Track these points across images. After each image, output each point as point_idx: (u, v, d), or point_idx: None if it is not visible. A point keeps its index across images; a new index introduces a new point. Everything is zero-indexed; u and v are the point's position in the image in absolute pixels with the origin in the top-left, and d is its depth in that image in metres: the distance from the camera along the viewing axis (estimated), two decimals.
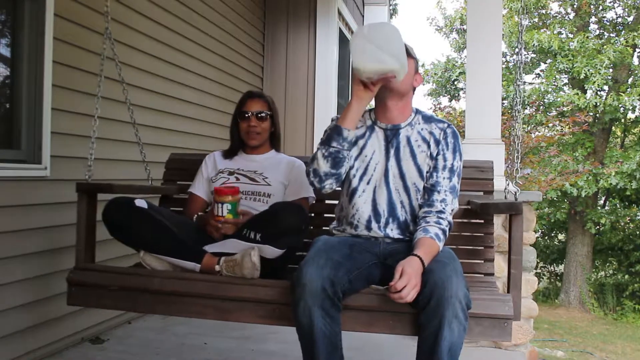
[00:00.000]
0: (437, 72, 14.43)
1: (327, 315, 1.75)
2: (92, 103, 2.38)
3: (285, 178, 2.43)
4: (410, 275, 1.71)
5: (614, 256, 13.43)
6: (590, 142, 12.23)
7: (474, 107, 3.52)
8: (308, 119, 5.65)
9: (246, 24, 5.24)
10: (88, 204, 2.17)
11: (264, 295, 1.93)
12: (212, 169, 2.51)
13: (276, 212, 2.04)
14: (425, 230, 1.91)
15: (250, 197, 2.36)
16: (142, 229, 2.06)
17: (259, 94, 2.53)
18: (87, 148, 2.33)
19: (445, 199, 1.98)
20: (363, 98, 1.92)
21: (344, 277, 1.80)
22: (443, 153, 2.01)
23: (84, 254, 2.17)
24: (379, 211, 2.02)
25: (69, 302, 2.11)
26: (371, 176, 2.03)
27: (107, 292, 2.06)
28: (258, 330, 3.33)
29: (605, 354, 8.10)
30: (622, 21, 12.79)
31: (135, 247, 2.13)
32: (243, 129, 2.47)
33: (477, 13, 3.55)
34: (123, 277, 2.06)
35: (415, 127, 2.05)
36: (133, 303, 2.07)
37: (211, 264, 2.04)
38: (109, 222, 2.09)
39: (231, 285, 1.96)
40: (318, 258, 1.81)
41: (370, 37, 1.84)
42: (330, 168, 1.95)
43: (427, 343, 1.73)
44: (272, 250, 2.02)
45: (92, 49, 2.99)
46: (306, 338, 1.78)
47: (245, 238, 2.05)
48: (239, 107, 2.49)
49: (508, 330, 1.84)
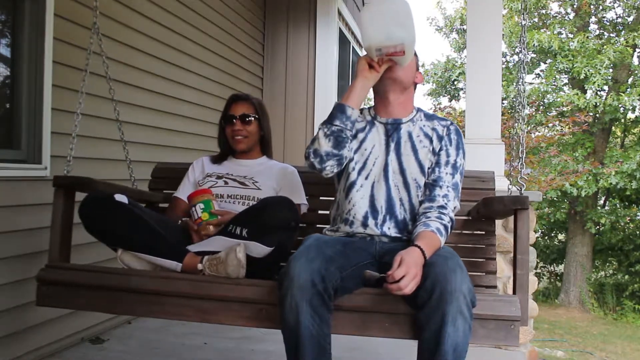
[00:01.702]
0: (437, 72, 14.44)
1: (315, 314, 1.61)
2: (93, 103, 2.38)
3: (277, 184, 2.34)
4: (409, 265, 1.59)
5: (614, 256, 13.43)
6: (590, 142, 12.24)
7: (474, 107, 3.52)
8: (308, 119, 5.65)
9: (246, 23, 5.24)
10: (65, 199, 2.05)
11: (249, 294, 1.80)
12: (199, 173, 2.42)
13: (264, 206, 1.91)
14: (426, 224, 1.81)
15: (239, 201, 2.25)
16: (120, 225, 1.93)
17: (244, 97, 2.44)
18: (88, 148, 2.33)
19: (448, 194, 1.90)
20: (368, 78, 1.88)
21: (336, 272, 1.67)
22: (446, 149, 1.95)
23: (59, 253, 2.04)
24: (376, 207, 1.92)
25: (39, 302, 1.98)
26: (370, 171, 1.95)
27: (81, 292, 1.93)
28: (258, 331, 3.33)
29: (605, 354, 8.10)
30: (622, 21, 12.79)
31: (112, 245, 2.00)
32: (228, 133, 2.39)
33: (477, 13, 3.54)
34: (99, 276, 1.94)
35: (417, 123, 2.00)
36: (109, 304, 1.94)
37: (193, 263, 1.91)
38: (85, 216, 1.95)
39: (214, 284, 1.84)
40: (308, 252, 1.68)
41: (380, 10, 1.82)
42: (332, 148, 1.86)
43: (428, 344, 1.59)
44: (259, 247, 1.88)
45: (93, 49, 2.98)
46: (292, 338, 1.64)
47: (230, 234, 1.93)
48: (225, 111, 2.42)
49: (515, 334, 1.71)
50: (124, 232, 1.94)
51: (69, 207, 2.09)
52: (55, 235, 2.06)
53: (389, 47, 1.83)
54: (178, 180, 2.47)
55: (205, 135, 4.42)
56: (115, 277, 1.92)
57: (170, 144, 3.90)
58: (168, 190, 2.56)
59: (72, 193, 2.11)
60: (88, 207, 1.96)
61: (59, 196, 2.06)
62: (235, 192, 2.28)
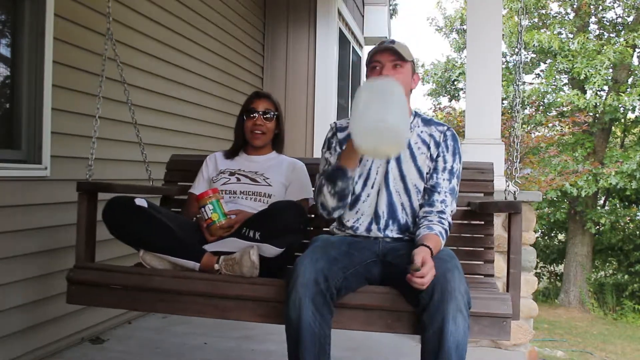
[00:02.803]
0: (437, 72, 14.44)
1: (317, 312, 1.70)
2: (93, 103, 2.38)
3: (286, 179, 2.43)
4: (431, 265, 1.69)
5: (614, 256, 13.44)
6: (590, 142, 12.23)
7: (474, 107, 3.52)
8: (308, 119, 5.66)
9: (246, 24, 5.24)
10: (88, 203, 2.18)
11: (263, 293, 1.92)
12: (213, 169, 2.52)
13: (276, 211, 2.04)
14: (430, 227, 1.91)
15: (251, 198, 2.35)
16: (142, 228, 2.06)
17: (266, 94, 2.54)
18: (88, 148, 2.34)
19: (445, 200, 1.99)
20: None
21: (339, 272, 1.78)
22: (443, 155, 2.02)
23: (84, 253, 2.17)
24: (378, 213, 2.02)
25: (69, 300, 2.11)
26: (374, 180, 2.03)
27: (107, 291, 2.06)
28: (258, 331, 3.33)
29: (605, 353, 8.10)
30: (622, 21, 12.79)
31: (135, 246, 2.13)
32: (248, 127, 2.47)
33: (477, 13, 3.54)
34: (123, 276, 2.07)
35: (414, 129, 2.06)
36: (133, 302, 2.07)
37: (210, 263, 2.04)
38: (108, 221, 2.09)
39: (230, 283, 1.96)
40: (313, 253, 1.80)
41: (374, 127, 1.70)
42: (337, 202, 1.97)
43: (432, 342, 1.68)
44: (271, 249, 2.01)
45: (92, 49, 2.99)
46: (293, 335, 1.73)
47: (244, 237, 2.05)
48: (246, 105, 2.50)
49: (507, 329, 1.84)
50: (145, 235, 2.07)
51: (92, 210, 2.21)
52: (81, 237, 2.17)
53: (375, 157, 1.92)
54: (192, 172, 2.58)
55: (205, 135, 4.42)
56: (138, 277, 2.05)
57: (169, 144, 3.90)
58: (183, 182, 2.67)
59: (95, 196, 2.21)
60: (111, 212, 2.09)
61: (82, 200, 2.17)
62: (247, 188, 2.37)
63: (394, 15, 13.87)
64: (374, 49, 2.02)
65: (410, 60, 2.01)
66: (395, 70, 1.97)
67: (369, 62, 2.01)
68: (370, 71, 2.01)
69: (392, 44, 1.98)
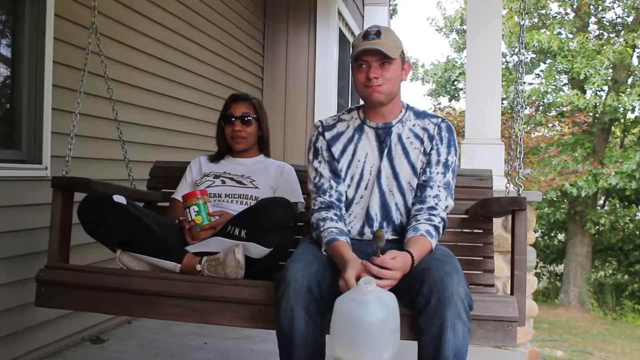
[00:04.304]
0: (437, 72, 14.46)
1: (310, 320, 1.60)
2: (93, 103, 2.38)
3: (274, 182, 2.32)
4: (397, 268, 1.57)
5: (614, 256, 13.45)
6: (589, 142, 12.24)
7: (474, 107, 3.52)
8: (308, 119, 5.65)
9: (246, 24, 5.24)
10: (63, 200, 2.05)
11: (247, 295, 1.80)
12: (197, 172, 2.41)
13: (263, 207, 1.91)
14: (415, 228, 1.77)
15: (237, 200, 2.24)
16: (119, 226, 1.93)
17: (244, 97, 2.42)
18: (88, 148, 2.33)
19: (439, 194, 1.84)
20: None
21: (333, 276, 1.65)
22: (437, 147, 1.88)
23: (57, 253, 2.04)
24: (370, 215, 1.89)
25: (38, 303, 1.98)
26: (368, 180, 1.90)
27: (79, 293, 1.93)
28: (258, 331, 3.31)
29: (605, 353, 8.11)
30: (622, 21, 12.80)
31: (111, 245, 2.00)
32: (228, 134, 2.38)
33: (477, 13, 3.55)
34: (97, 276, 1.94)
35: (406, 123, 1.92)
36: (108, 304, 1.94)
37: (192, 264, 1.92)
38: (84, 218, 1.95)
39: (212, 285, 1.84)
40: (305, 255, 1.67)
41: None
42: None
43: (428, 349, 1.58)
44: (258, 248, 1.88)
45: (92, 49, 2.98)
46: (285, 343, 1.63)
47: (229, 235, 1.92)
48: (224, 111, 2.41)
49: (512, 334, 1.73)
50: (123, 233, 1.94)
51: (68, 208, 2.09)
52: (54, 236, 2.05)
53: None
54: (176, 179, 2.46)
55: (205, 135, 4.42)
56: (114, 278, 1.92)
57: (170, 144, 3.90)
58: (166, 189, 2.55)
59: (71, 193, 2.10)
60: (87, 208, 1.96)
61: (57, 197, 2.06)
62: (233, 191, 2.27)
63: (394, 15, 13.87)
64: (360, 44, 1.81)
65: (398, 55, 1.83)
66: (383, 68, 1.81)
67: (355, 59, 1.81)
68: (356, 69, 1.84)
69: (377, 37, 1.79)
